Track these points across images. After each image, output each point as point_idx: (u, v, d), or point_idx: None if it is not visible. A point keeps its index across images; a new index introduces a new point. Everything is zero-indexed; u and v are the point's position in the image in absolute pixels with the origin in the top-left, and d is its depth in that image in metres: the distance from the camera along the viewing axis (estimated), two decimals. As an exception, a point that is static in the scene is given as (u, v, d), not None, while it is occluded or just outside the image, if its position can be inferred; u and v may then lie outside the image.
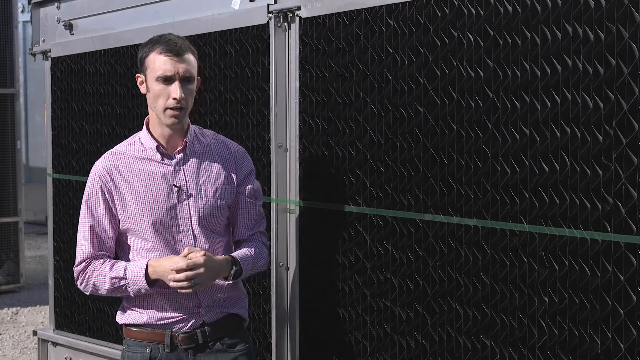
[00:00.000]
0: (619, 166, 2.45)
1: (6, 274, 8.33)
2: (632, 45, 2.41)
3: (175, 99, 2.71)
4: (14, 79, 8.24)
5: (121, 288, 2.77)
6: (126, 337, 2.88)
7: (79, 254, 2.86)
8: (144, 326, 2.82)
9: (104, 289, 2.79)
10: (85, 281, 2.84)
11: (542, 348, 2.65)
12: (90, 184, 2.83)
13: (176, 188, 2.78)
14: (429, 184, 2.94)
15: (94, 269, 2.81)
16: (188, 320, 2.80)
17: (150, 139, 2.80)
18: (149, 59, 2.75)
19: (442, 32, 2.88)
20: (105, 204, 2.80)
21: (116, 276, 2.76)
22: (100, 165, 2.83)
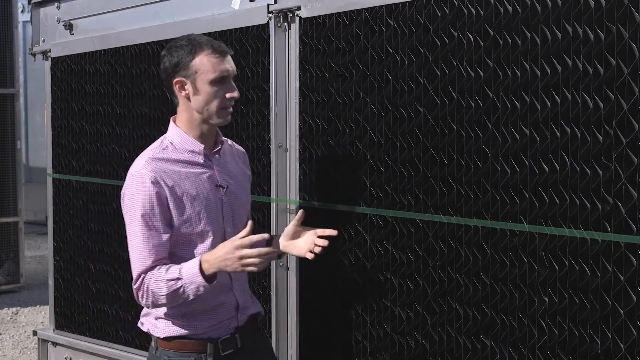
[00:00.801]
0: (619, 166, 2.45)
1: (6, 274, 8.32)
2: (632, 45, 2.41)
3: (234, 97, 2.70)
4: (14, 79, 8.24)
5: (179, 290, 2.62)
6: (163, 349, 2.77)
7: (137, 268, 2.67)
8: (186, 337, 2.74)
9: (163, 295, 2.63)
10: (145, 293, 2.67)
11: (542, 348, 2.65)
12: (140, 191, 2.66)
13: (223, 189, 2.76)
14: (429, 184, 2.94)
15: (150, 277, 2.65)
16: (228, 325, 2.77)
17: (193, 141, 2.75)
18: (197, 63, 2.68)
19: (442, 32, 2.88)
20: (162, 210, 2.66)
21: (172, 278, 2.61)
22: (147, 170, 2.68)
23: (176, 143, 2.77)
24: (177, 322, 2.74)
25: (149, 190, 2.65)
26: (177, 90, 2.74)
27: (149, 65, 4.06)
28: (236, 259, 2.57)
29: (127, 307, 4.29)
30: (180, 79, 2.71)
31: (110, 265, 4.37)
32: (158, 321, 2.79)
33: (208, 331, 2.74)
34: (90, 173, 4.47)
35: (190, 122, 2.77)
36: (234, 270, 2.60)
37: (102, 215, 4.40)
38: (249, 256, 2.56)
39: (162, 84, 2.85)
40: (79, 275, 4.60)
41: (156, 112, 4.05)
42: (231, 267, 2.59)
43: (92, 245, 4.48)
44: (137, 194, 2.67)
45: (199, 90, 2.70)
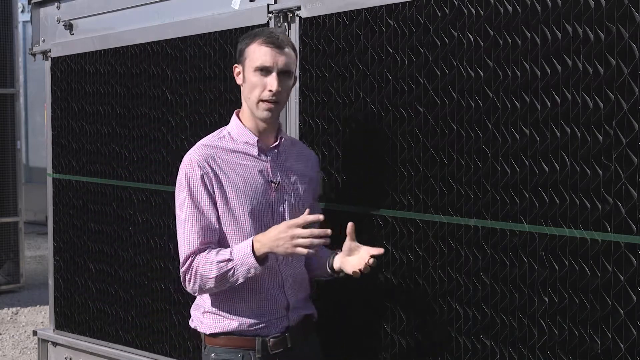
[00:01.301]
0: (619, 166, 2.45)
1: (6, 274, 8.33)
2: (632, 45, 2.41)
3: (271, 91, 2.67)
4: (14, 79, 8.25)
5: (229, 272, 2.59)
6: (211, 345, 2.76)
7: (184, 250, 2.66)
8: (234, 333, 2.73)
9: (212, 278, 2.60)
10: (193, 277, 2.64)
11: (542, 348, 2.65)
12: (188, 173, 2.68)
13: (274, 184, 2.75)
14: (429, 184, 2.94)
15: (199, 261, 2.63)
16: (278, 324, 2.76)
17: (249, 133, 2.74)
18: (249, 50, 2.70)
19: (442, 32, 2.88)
20: (208, 193, 2.67)
21: (223, 259, 2.60)
22: (197, 155, 2.70)
23: (233, 133, 2.77)
24: (225, 318, 2.73)
25: (196, 173, 2.67)
26: (235, 76, 2.78)
27: (149, 65, 4.07)
28: (288, 238, 2.56)
29: (127, 307, 4.29)
30: (236, 65, 2.77)
31: (110, 265, 4.37)
32: (205, 317, 2.78)
33: (256, 328, 2.73)
34: (90, 173, 4.47)
35: (245, 113, 2.78)
36: (285, 251, 2.57)
37: (102, 215, 4.41)
38: (300, 236, 2.55)
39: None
40: (79, 275, 4.60)
41: (156, 112, 4.05)
42: (282, 247, 2.57)
43: (92, 245, 4.49)
44: (185, 175, 2.69)
45: (246, 77, 2.73)
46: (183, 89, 3.89)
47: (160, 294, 4.08)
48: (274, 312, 2.76)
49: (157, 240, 4.07)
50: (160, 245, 4.06)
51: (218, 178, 2.68)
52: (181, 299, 3.96)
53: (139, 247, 4.18)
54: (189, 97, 3.87)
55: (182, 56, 3.89)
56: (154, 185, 4.07)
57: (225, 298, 2.74)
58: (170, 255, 4.00)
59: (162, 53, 3.98)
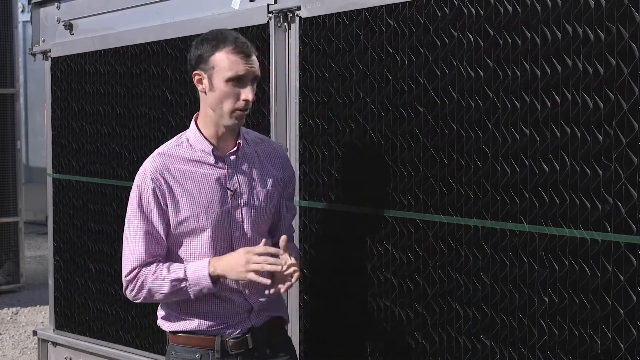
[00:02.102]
0: (619, 166, 2.45)
1: (6, 274, 8.32)
2: (632, 45, 2.41)
3: (247, 101, 2.63)
4: (14, 79, 8.24)
5: (181, 290, 2.64)
6: (172, 344, 2.78)
7: (130, 262, 2.68)
8: (193, 332, 2.74)
9: (162, 294, 2.66)
10: (138, 288, 2.68)
11: (542, 348, 2.65)
12: (140, 185, 2.68)
13: (231, 192, 2.70)
14: (429, 184, 2.94)
15: (147, 274, 2.66)
16: (239, 325, 2.74)
17: (204, 141, 2.70)
18: (216, 58, 2.62)
19: (442, 32, 2.88)
20: (158, 207, 2.66)
21: (176, 278, 2.63)
22: (151, 166, 2.68)
23: (191, 141, 2.73)
24: (185, 317, 2.74)
25: (147, 184, 2.67)
26: (196, 83, 2.72)
27: (149, 65, 4.07)
28: (242, 263, 2.59)
29: (127, 307, 4.29)
30: (198, 72, 2.68)
31: (110, 265, 4.37)
32: (169, 317, 2.79)
33: (216, 328, 2.72)
34: (90, 173, 4.47)
35: (205, 119, 2.72)
36: (238, 276, 2.62)
37: (102, 215, 4.41)
38: (255, 262, 2.58)
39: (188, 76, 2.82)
40: (79, 275, 4.60)
41: (156, 112, 4.05)
42: (235, 272, 2.62)
43: (92, 245, 4.49)
44: (138, 187, 2.70)
45: (214, 86, 2.65)
46: (183, 89, 3.89)
47: (160, 294, 4.07)
48: (234, 315, 2.74)
49: (157, 240, 4.07)
50: (160, 245, 4.05)
51: (171, 189, 2.66)
52: (181, 299, 3.96)
53: (139, 247, 4.17)
54: (189, 97, 3.87)
55: (182, 56, 3.88)
56: (154, 185, 4.07)
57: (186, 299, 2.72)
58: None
59: (162, 53, 3.98)
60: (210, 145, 2.70)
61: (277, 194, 2.82)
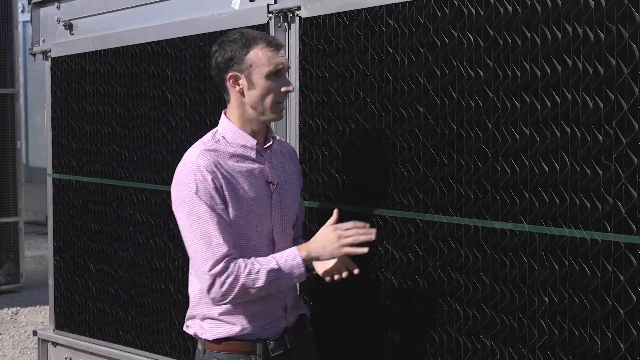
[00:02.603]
0: (619, 166, 2.45)
1: (6, 274, 8.33)
2: (632, 45, 2.41)
3: (289, 91, 2.69)
4: (14, 79, 8.24)
5: (275, 282, 2.59)
6: (212, 351, 2.72)
7: (211, 256, 2.55)
8: (235, 338, 2.70)
9: (256, 288, 2.57)
10: (229, 285, 2.56)
11: (542, 348, 2.65)
12: (198, 179, 2.59)
13: (273, 186, 2.74)
14: (429, 184, 2.94)
15: (238, 269, 2.56)
16: (277, 325, 2.75)
17: (246, 136, 2.71)
18: (252, 56, 2.64)
19: (442, 32, 2.88)
20: (221, 198, 2.60)
21: (271, 269, 2.57)
22: (203, 160, 2.62)
23: (228, 137, 2.72)
24: (226, 324, 2.71)
25: (208, 178, 2.60)
26: (231, 85, 2.70)
27: (149, 65, 4.07)
28: (335, 240, 2.60)
29: (127, 307, 4.29)
30: (234, 73, 2.68)
31: (110, 265, 4.37)
32: (205, 323, 2.74)
33: (257, 331, 2.71)
34: (90, 173, 4.47)
35: (242, 118, 2.72)
36: (332, 254, 2.62)
37: (102, 215, 4.41)
38: (346, 236, 2.60)
39: (214, 79, 2.80)
40: (79, 275, 4.60)
41: (156, 112, 4.05)
42: (329, 250, 2.62)
43: (92, 245, 4.49)
44: (194, 181, 2.60)
45: (255, 84, 2.66)
46: (183, 89, 3.89)
47: (160, 294, 4.08)
48: (273, 313, 2.75)
49: (157, 240, 4.07)
50: (160, 245, 4.06)
51: (228, 182, 2.64)
52: (181, 299, 3.96)
53: (139, 247, 4.18)
54: (189, 97, 3.87)
55: (182, 56, 3.89)
56: (154, 185, 4.07)
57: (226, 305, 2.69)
58: (170, 255, 4.01)
59: (162, 53, 3.98)
60: (254, 139, 2.72)
61: (299, 188, 2.91)
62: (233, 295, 2.58)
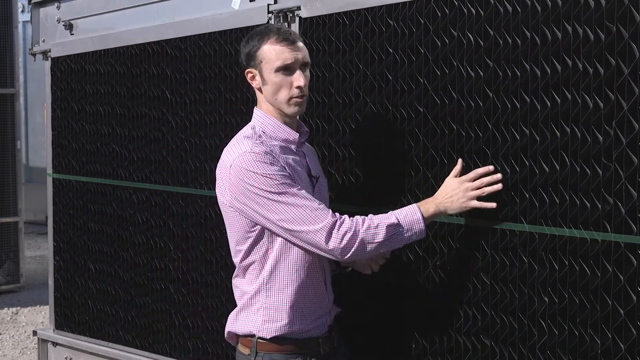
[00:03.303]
0: (619, 166, 2.45)
1: (6, 274, 8.33)
2: (632, 45, 2.41)
3: (300, 87, 2.63)
4: (14, 79, 8.25)
5: (395, 237, 2.54)
6: (265, 352, 2.62)
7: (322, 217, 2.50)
8: (289, 336, 2.64)
9: (375, 243, 2.51)
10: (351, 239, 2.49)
11: (542, 348, 2.65)
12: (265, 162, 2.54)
13: (315, 179, 2.75)
14: (429, 184, 2.94)
15: (355, 224, 2.51)
16: (325, 323, 2.74)
17: (288, 129, 2.68)
18: (263, 51, 2.63)
19: (442, 32, 2.88)
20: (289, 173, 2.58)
21: (391, 223, 2.53)
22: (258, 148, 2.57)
23: (269, 131, 2.69)
24: (280, 320, 2.63)
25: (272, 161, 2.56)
26: (250, 81, 2.72)
27: (149, 65, 4.07)
28: (462, 192, 2.61)
29: (127, 307, 4.29)
30: (250, 69, 2.70)
31: (110, 265, 4.37)
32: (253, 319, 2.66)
33: (310, 329, 2.68)
34: (90, 173, 4.47)
35: (273, 112, 2.71)
36: (460, 206, 2.62)
37: (102, 215, 4.41)
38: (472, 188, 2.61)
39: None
40: (79, 275, 4.60)
41: (156, 112, 4.05)
42: (457, 202, 2.62)
43: (92, 245, 4.49)
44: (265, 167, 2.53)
45: (266, 80, 2.66)
46: (183, 89, 3.89)
47: (160, 294, 4.08)
48: (322, 311, 2.73)
49: (157, 240, 4.07)
50: (160, 245, 4.06)
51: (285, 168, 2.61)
52: (181, 299, 3.96)
53: (139, 247, 4.18)
54: (189, 97, 3.87)
55: (182, 56, 3.89)
56: (154, 185, 4.07)
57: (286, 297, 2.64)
58: (170, 255, 4.01)
59: (162, 53, 3.98)
60: (296, 133, 2.71)
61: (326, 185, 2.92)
62: (353, 251, 2.52)
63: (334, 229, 2.51)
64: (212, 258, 3.77)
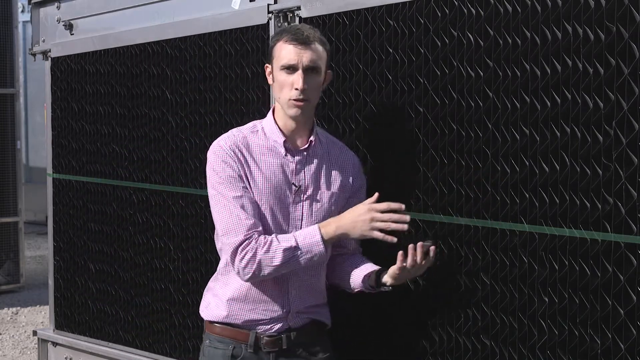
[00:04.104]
0: (619, 166, 2.45)
1: (6, 274, 8.33)
2: (632, 45, 2.41)
3: (297, 90, 2.63)
4: (14, 79, 8.25)
5: (293, 259, 2.59)
6: (208, 332, 2.80)
7: (236, 232, 2.59)
8: (229, 324, 2.75)
9: (274, 266, 2.58)
10: (250, 261, 2.58)
11: (542, 348, 2.65)
12: (216, 160, 2.66)
13: (295, 187, 2.71)
14: (429, 184, 2.94)
15: (257, 246, 2.58)
16: (275, 323, 2.75)
17: (278, 132, 2.71)
18: (276, 48, 2.68)
19: (442, 32, 2.88)
20: (240, 175, 2.64)
21: (289, 246, 2.57)
22: (228, 141, 2.68)
23: (266, 129, 2.75)
24: (224, 309, 2.74)
25: (231, 155, 2.65)
26: (267, 75, 2.77)
27: (149, 65, 4.07)
28: (367, 220, 2.57)
29: (127, 307, 4.29)
30: (267, 64, 2.76)
31: (110, 265, 4.37)
32: (210, 303, 2.80)
33: (252, 324, 2.73)
34: (90, 173, 4.47)
35: (278, 112, 2.75)
36: (362, 233, 2.59)
37: (102, 215, 4.41)
38: (380, 219, 2.56)
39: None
40: (79, 275, 4.60)
41: (156, 112, 4.05)
42: (359, 229, 2.59)
43: (92, 245, 4.49)
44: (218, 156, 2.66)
45: (275, 77, 2.70)
46: (183, 89, 3.89)
47: (160, 294, 4.08)
48: (271, 312, 2.75)
49: (157, 240, 4.07)
50: (160, 245, 4.06)
51: (247, 164, 2.66)
52: (181, 299, 3.96)
53: (139, 247, 4.18)
54: (189, 97, 3.87)
55: (182, 56, 3.89)
56: (154, 185, 4.07)
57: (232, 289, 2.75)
58: (170, 255, 4.01)
59: (162, 53, 3.98)
60: (284, 136, 2.72)
61: (343, 199, 2.81)
62: (252, 272, 2.60)
63: (239, 247, 2.60)
64: (212, 258, 3.76)
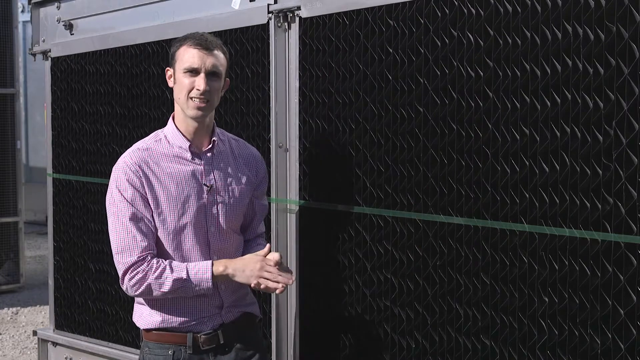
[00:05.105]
0: (619, 166, 2.45)
1: (6, 274, 8.32)
2: (632, 45, 2.41)
3: (199, 90, 2.70)
4: (14, 79, 8.24)
5: (181, 289, 2.69)
6: (146, 340, 2.83)
7: (130, 252, 2.70)
8: (166, 329, 2.78)
9: (162, 291, 2.69)
10: (138, 281, 2.68)
11: (542, 348, 2.65)
12: (120, 177, 2.73)
13: (207, 187, 2.77)
14: (429, 184, 2.94)
15: (148, 270, 2.68)
16: (210, 321, 2.79)
17: (181, 138, 2.77)
18: (179, 52, 2.75)
19: (442, 32, 2.88)
20: (143, 197, 2.71)
21: (179, 278, 2.67)
22: (129, 159, 2.75)
23: (169, 137, 2.81)
24: (158, 314, 2.79)
25: (127, 174, 2.72)
26: (167, 79, 2.84)
27: (149, 65, 4.07)
28: (257, 268, 2.68)
29: (127, 307, 4.29)
30: (168, 68, 2.82)
31: (110, 265, 4.36)
32: (143, 312, 2.84)
33: (187, 325, 2.77)
34: (90, 173, 4.47)
35: (178, 116, 2.82)
36: (248, 280, 2.69)
37: (102, 215, 4.40)
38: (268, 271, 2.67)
39: None
40: (79, 275, 4.60)
41: (156, 112, 4.05)
42: (246, 275, 2.69)
43: (92, 245, 4.49)
44: (117, 179, 2.75)
45: (176, 79, 2.77)
46: (183, 89, 3.89)
47: (160, 294, 4.07)
48: (205, 310, 2.79)
49: (157, 240, 4.07)
50: (160, 245, 4.05)
51: (150, 182, 2.72)
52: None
53: (139, 247, 4.17)
54: (189, 97, 3.86)
55: (182, 56, 3.88)
56: (154, 185, 4.07)
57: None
58: (170, 255, 4.00)
59: (162, 53, 3.98)
60: (187, 141, 2.78)
61: (249, 192, 2.89)
62: (139, 292, 2.71)
63: (131, 267, 2.70)
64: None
